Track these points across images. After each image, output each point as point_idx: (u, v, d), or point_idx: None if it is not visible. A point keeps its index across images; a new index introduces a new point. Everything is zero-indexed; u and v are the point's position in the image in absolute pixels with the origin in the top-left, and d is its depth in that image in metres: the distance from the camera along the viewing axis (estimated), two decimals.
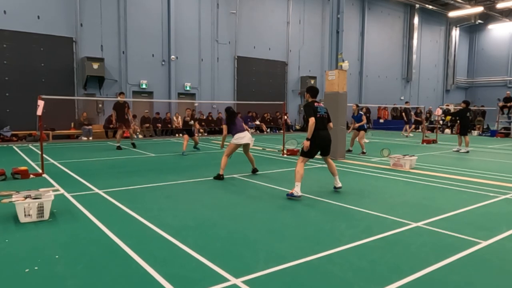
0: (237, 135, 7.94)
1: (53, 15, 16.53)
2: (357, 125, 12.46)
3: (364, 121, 12.51)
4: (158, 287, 3.12)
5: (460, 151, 13.04)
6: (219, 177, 7.75)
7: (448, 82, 34.93)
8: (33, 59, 16.26)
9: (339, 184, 6.70)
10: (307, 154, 6.30)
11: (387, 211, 5.42)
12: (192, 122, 12.41)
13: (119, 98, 12.74)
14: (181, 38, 19.86)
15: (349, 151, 12.22)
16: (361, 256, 3.79)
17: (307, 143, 6.18)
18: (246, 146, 8.23)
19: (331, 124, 6.56)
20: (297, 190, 6.07)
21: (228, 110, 8.27)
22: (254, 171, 8.47)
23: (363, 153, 12.02)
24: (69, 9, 16.81)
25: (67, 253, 3.83)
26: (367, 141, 16.75)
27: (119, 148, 12.84)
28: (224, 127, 8.07)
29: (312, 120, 6.11)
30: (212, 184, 7.35)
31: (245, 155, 8.44)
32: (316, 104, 6.38)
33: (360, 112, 12.68)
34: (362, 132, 12.46)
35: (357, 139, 12.55)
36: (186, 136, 12.19)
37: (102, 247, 4.00)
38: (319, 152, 6.56)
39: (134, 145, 13.34)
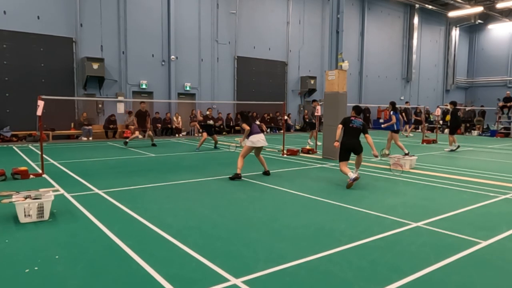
0: (252, 137, 7.89)
1: (53, 15, 16.52)
2: (384, 125, 11.96)
3: (393, 121, 11.39)
4: (158, 287, 3.12)
5: (445, 149, 13.25)
6: (237, 176, 7.68)
7: (448, 82, 34.92)
8: (33, 59, 16.24)
9: (354, 176, 6.94)
10: (341, 158, 7.33)
11: (387, 211, 5.42)
12: (211, 121, 12.65)
13: (141, 107, 13.94)
14: (181, 38, 19.85)
15: (386, 155, 11.02)
16: (361, 256, 3.79)
17: (336, 144, 7.33)
18: (258, 149, 8.17)
19: (368, 136, 7.31)
20: (350, 175, 6.89)
21: (243, 113, 8.34)
22: (266, 173, 8.23)
23: (406, 154, 10.51)
24: (69, 9, 16.80)
25: (67, 253, 3.82)
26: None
27: (125, 143, 13.88)
28: (246, 127, 8.00)
29: (339, 127, 7.44)
30: (212, 184, 7.35)
31: (256, 157, 8.37)
32: (353, 118, 7.44)
33: (392, 111, 11.62)
34: (394, 135, 11.37)
35: (393, 141, 11.46)
36: (205, 134, 12.74)
37: (102, 247, 4.00)
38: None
39: (154, 145, 14.13)
